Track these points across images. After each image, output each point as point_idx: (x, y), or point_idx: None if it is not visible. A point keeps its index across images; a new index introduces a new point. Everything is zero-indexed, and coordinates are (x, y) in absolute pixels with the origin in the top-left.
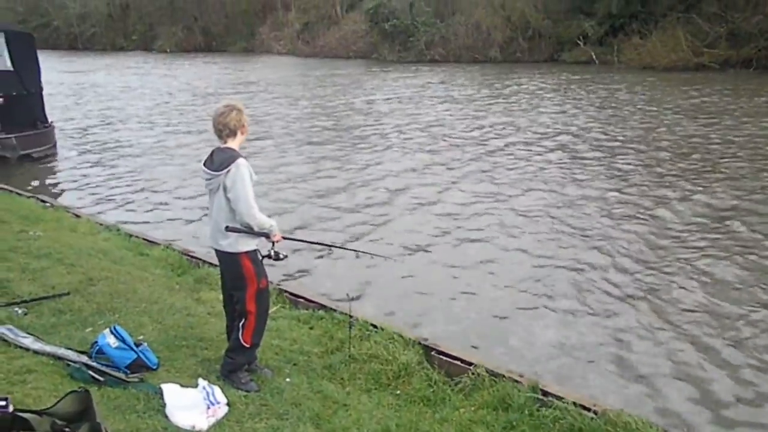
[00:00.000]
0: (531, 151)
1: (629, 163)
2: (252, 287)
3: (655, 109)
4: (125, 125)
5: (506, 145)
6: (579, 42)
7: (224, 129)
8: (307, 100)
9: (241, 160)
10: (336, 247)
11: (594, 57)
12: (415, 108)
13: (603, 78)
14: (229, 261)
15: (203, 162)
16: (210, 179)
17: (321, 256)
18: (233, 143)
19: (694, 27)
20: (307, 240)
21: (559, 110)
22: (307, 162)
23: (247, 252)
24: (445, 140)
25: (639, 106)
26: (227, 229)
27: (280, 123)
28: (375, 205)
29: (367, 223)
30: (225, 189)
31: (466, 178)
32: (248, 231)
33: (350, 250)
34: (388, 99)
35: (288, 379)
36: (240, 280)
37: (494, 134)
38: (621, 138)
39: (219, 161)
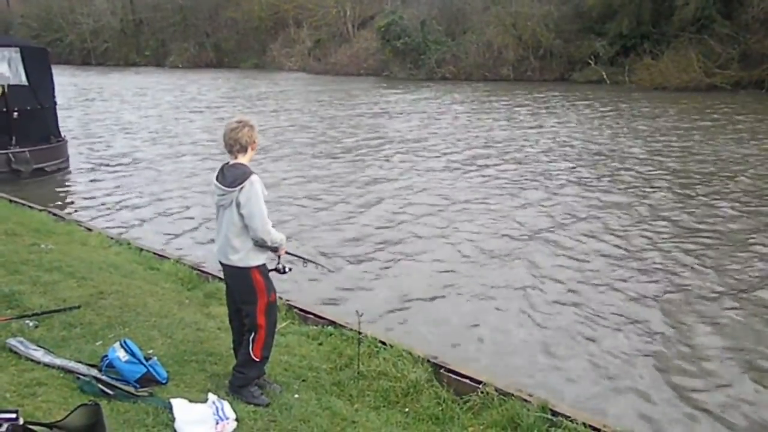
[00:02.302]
0: (534, 163)
1: (640, 179)
2: (262, 301)
3: (661, 127)
4: (136, 139)
5: (504, 161)
6: (590, 61)
7: (235, 144)
8: (308, 114)
9: (254, 177)
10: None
11: (605, 77)
12: (419, 123)
13: (613, 97)
14: (239, 276)
15: (215, 178)
16: (223, 195)
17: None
18: (244, 159)
19: (706, 48)
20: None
21: (564, 128)
22: (301, 174)
23: (257, 266)
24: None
25: (649, 125)
26: (256, 244)
27: (281, 137)
28: (366, 215)
29: (362, 237)
30: (238, 205)
31: (464, 191)
32: (268, 247)
33: (311, 262)
34: (388, 113)
35: (296, 395)
36: (251, 294)
37: (495, 150)
38: (630, 155)
39: (232, 177)
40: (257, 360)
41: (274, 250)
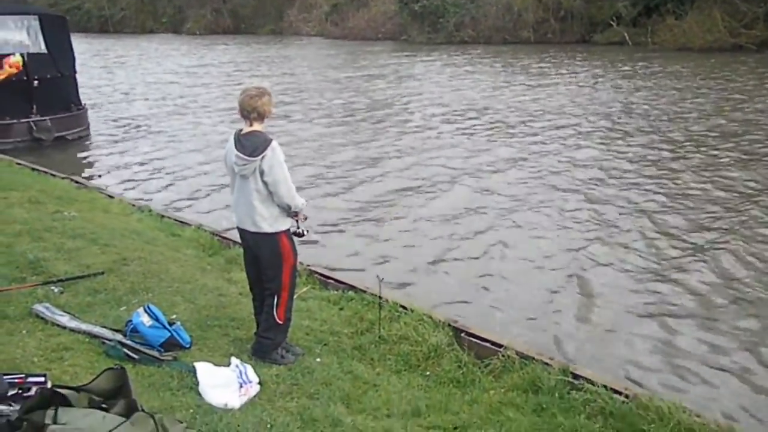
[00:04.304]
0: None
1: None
2: (288, 264)
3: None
4: (154, 106)
5: (521, 122)
6: (612, 23)
7: (253, 112)
8: (319, 78)
9: (274, 143)
10: None
11: (627, 38)
12: (438, 88)
13: (633, 58)
14: (267, 241)
15: (233, 147)
16: (244, 165)
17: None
18: (259, 126)
19: (731, 7)
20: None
21: (580, 88)
22: (313, 138)
23: (285, 231)
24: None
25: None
26: (281, 209)
27: (290, 98)
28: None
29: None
30: (262, 173)
31: (478, 154)
32: (290, 211)
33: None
34: (405, 77)
35: (318, 359)
36: (278, 258)
37: (514, 114)
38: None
39: (252, 146)
40: (281, 323)
41: (294, 214)
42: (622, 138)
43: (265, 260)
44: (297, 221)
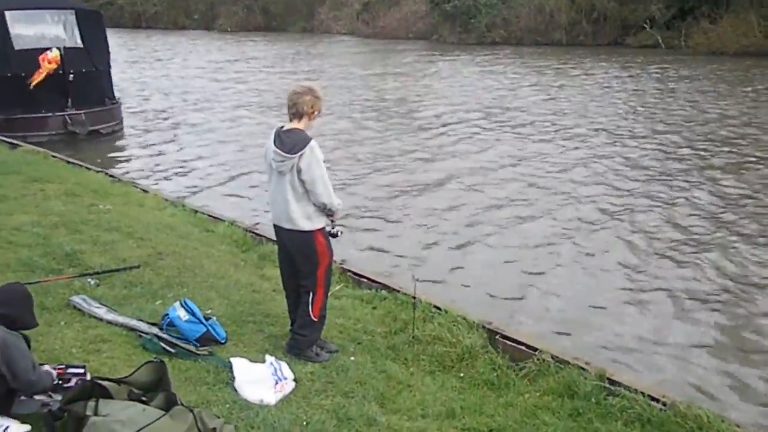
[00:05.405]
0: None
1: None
2: (324, 263)
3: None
4: (188, 102)
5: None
6: (645, 25)
7: (292, 107)
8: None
9: (313, 142)
10: None
11: (660, 41)
12: (465, 88)
13: (669, 62)
14: (303, 239)
15: (272, 143)
16: (282, 162)
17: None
18: (299, 124)
19: None
20: None
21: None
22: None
23: (320, 229)
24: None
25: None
26: (317, 208)
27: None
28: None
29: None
30: (299, 171)
31: (503, 156)
32: (326, 211)
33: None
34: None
35: (352, 358)
36: (314, 256)
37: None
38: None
39: (291, 143)
40: (316, 320)
41: (330, 213)
42: (651, 141)
43: (300, 258)
44: (332, 221)
